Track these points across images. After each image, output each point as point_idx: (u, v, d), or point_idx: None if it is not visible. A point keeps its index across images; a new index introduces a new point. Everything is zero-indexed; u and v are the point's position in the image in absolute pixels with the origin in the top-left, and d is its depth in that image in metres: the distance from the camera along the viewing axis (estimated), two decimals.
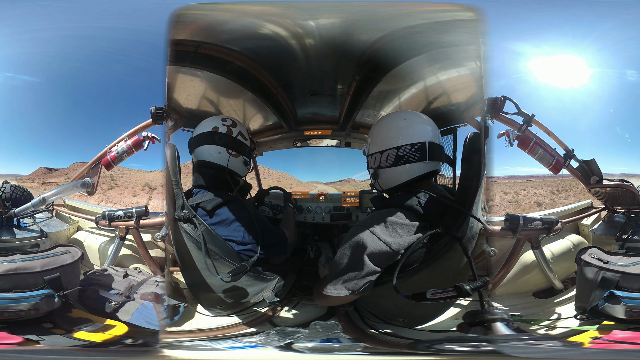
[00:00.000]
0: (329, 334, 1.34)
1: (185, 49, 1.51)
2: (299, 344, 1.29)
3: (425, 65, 1.60)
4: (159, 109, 1.55)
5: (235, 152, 1.57)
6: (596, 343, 1.29)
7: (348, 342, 1.31)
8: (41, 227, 1.55)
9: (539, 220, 1.51)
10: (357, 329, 1.38)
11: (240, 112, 1.99)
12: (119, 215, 1.60)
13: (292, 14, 1.39)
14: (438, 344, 1.29)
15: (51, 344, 1.28)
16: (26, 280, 1.32)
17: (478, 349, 1.24)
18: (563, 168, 1.56)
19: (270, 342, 1.32)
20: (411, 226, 1.26)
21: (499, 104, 1.48)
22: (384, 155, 1.34)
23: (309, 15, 1.39)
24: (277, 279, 1.52)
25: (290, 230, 1.74)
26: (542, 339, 1.35)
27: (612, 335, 1.30)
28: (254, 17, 1.43)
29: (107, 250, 1.66)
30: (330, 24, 1.43)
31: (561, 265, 1.59)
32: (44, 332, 1.30)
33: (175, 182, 1.45)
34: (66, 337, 1.30)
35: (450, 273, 1.28)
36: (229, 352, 1.30)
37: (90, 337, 1.31)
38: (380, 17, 1.40)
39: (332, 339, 1.32)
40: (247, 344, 1.33)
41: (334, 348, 1.28)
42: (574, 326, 1.37)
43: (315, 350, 1.28)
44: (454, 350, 1.25)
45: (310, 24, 1.42)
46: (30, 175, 1.58)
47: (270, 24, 1.44)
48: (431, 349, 1.27)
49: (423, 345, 1.29)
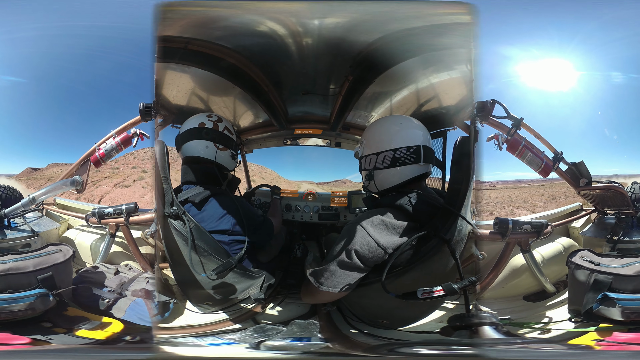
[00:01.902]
0: (303, 333, 1.36)
1: (174, 45, 1.50)
2: (268, 342, 1.31)
3: (417, 67, 1.59)
4: (147, 105, 1.55)
5: (222, 146, 1.58)
6: (592, 345, 1.29)
7: (316, 342, 1.32)
8: (32, 227, 1.56)
9: (529, 224, 1.50)
10: (334, 329, 1.39)
11: (231, 109, 1.99)
12: (108, 213, 1.60)
13: (289, 12, 1.38)
14: (411, 347, 1.29)
15: (60, 344, 1.30)
16: (19, 281, 1.33)
17: (458, 352, 1.24)
18: (552, 171, 1.56)
19: (246, 340, 1.34)
20: (400, 226, 1.26)
21: (488, 108, 1.47)
22: (380, 157, 1.36)
23: (304, 14, 1.38)
24: (263, 276, 1.53)
25: (277, 218, 1.78)
26: (535, 343, 1.35)
27: (609, 337, 1.30)
28: (247, 13, 1.41)
29: (98, 247, 1.67)
30: (328, 23, 1.41)
31: (552, 268, 1.59)
32: (47, 331, 1.32)
33: (164, 178, 1.45)
34: (69, 335, 1.33)
35: (438, 275, 1.28)
36: (208, 349, 1.32)
37: (92, 335, 1.33)
38: (376, 19, 1.39)
39: (304, 338, 1.33)
40: (227, 340, 1.34)
41: (300, 347, 1.29)
42: (568, 329, 1.38)
43: (281, 349, 1.29)
44: (429, 354, 1.26)
45: (305, 23, 1.41)
46: (18, 175, 1.59)
47: (263, 21, 1.42)
48: (401, 352, 1.28)
49: (392, 347, 1.30)
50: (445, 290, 1.18)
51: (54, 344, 1.29)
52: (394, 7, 1.36)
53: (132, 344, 1.33)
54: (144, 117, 1.58)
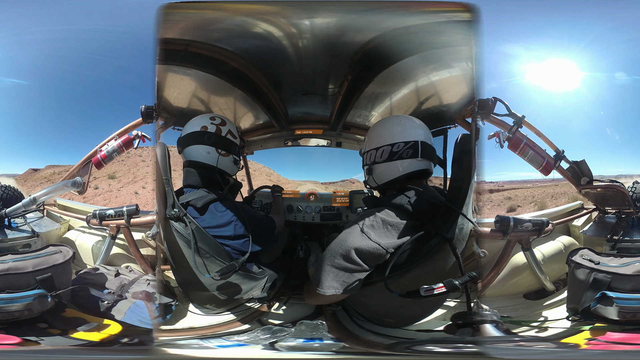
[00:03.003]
0: (313, 333, 1.35)
1: (175, 47, 1.50)
2: (283, 343, 1.30)
3: (417, 65, 1.59)
4: (149, 107, 1.55)
5: (224, 151, 1.56)
6: (589, 344, 1.29)
7: (331, 342, 1.31)
8: (32, 227, 1.55)
9: (530, 222, 1.51)
10: (343, 329, 1.38)
11: (231, 110, 1.98)
12: (109, 214, 1.60)
13: (284, 13, 1.38)
14: (423, 345, 1.29)
15: (49, 345, 1.29)
16: (18, 281, 1.33)
17: (464, 350, 1.24)
18: (553, 169, 1.56)
19: (257, 341, 1.33)
20: (401, 224, 1.26)
21: (490, 105, 1.48)
22: (379, 152, 1.38)
23: (302, 14, 1.39)
24: (266, 277, 1.53)
25: (280, 215, 1.77)
26: (532, 341, 1.35)
27: (605, 336, 1.30)
28: (246, 15, 1.41)
29: (99, 249, 1.66)
30: (323, 23, 1.42)
31: (552, 266, 1.59)
32: (41, 332, 1.31)
33: (166, 180, 1.44)
34: (63, 337, 1.31)
35: (440, 274, 1.27)
36: (218, 351, 1.31)
37: (87, 337, 1.32)
38: (374, 17, 1.40)
39: (316, 339, 1.33)
40: (236, 342, 1.34)
41: (318, 347, 1.29)
42: (566, 327, 1.38)
43: (298, 349, 1.28)
44: (439, 351, 1.25)
45: (303, 23, 1.41)
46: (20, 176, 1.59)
47: (262, 22, 1.42)
48: (415, 350, 1.28)
49: (407, 345, 1.29)
50: (446, 286, 1.18)
51: (44, 345, 1.28)
52: (391, 5, 1.37)
53: (130, 345, 1.32)
54: (146, 119, 1.58)
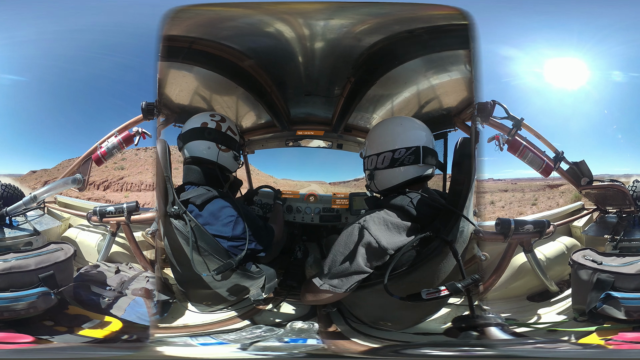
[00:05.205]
0: (300, 334, 1.35)
1: (178, 44, 1.51)
2: (263, 343, 1.30)
3: (418, 69, 1.61)
4: (149, 104, 1.55)
5: (225, 147, 1.57)
6: (596, 344, 1.29)
7: (317, 344, 1.31)
8: (33, 225, 1.55)
9: (531, 224, 1.50)
10: (333, 331, 1.38)
11: (233, 109, 1.99)
12: (110, 211, 1.60)
13: (290, 13, 1.39)
14: (418, 349, 1.28)
15: (62, 342, 1.30)
16: (21, 279, 1.33)
17: (466, 353, 1.23)
18: (553, 171, 1.56)
19: (239, 341, 1.32)
20: (402, 225, 1.26)
21: (489, 108, 1.48)
22: (380, 158, 1.37)
23: (307, 15, 1.40)
24: (263, 277, 1.53)
25: (279, 226, 1.75)
26: (539, 343, 1.34)
27: (616, 336, 1.29)
28: (253, 15, 1.42)
29: (99, 246, 1.66)
30: (328, 25, 1.43)
31: (555, 268, 1.58)
32: (50, 330, 1.32)
33: (166, 177, 1.45)
34: (71, 334, 1.32)
35: (440, 277, 1.28)
36: (199, 349, 1.31)
37: (92, 334, 1.33)
38: (378, 20, 1.41)
39: (301, 339, 1.32)
40: (220, 341, 1.34)
41: (298, 348, 1.28)
42: (572, 329, 1.37)
43: (277, 350, 1.27)
44: (438, 355, 1.24)
45: (309, 25, 1.43)
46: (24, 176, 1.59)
47: (271, 22, 1.44)
48: (404, 354, 1.27)
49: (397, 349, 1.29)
50: (449, 289, 1.17)
51: (56, 342, 1.29)
52: (394, 9, 1.38)
53: (128, 342, 1.32)
54: (146, 115, 1.57)
